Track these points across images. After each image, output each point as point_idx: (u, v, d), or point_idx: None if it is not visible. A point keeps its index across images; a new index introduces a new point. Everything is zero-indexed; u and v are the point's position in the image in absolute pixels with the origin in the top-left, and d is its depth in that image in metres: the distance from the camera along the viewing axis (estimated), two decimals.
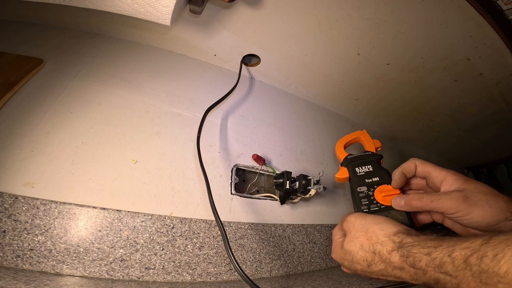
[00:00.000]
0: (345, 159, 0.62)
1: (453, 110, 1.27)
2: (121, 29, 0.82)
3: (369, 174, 0.58)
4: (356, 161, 0.61)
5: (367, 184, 0.55)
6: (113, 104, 0.71)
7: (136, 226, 0.59)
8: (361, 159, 0.61)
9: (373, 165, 0.59)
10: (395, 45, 0.87)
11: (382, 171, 0.58)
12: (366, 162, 0.60)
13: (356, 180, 0.57)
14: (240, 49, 0.89)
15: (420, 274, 0.33)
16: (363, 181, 0.56)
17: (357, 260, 0.40)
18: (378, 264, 0.38)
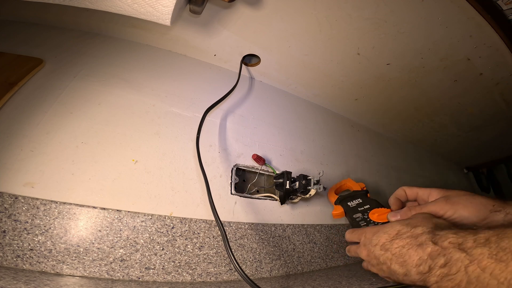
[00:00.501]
0: (338, 198, 0.72)
1: (453, 110, 1.27)
2: (121, 29, 0.82)
3: (360, 204, 0.67)
4: (347, 197, 0.71)
5: (361, 212, 0.64)
6: (113, 104, 0.71)
7: (136, 226, 0.59)
8: (350, 195, 0.71)
9: (362, 198, 0.69)
10: (395, 45, 0.87)
11: (371, 201, 0.66)
12: (355, 197, 0.70)
13: (350, 211, 0.66)
14: (240, 49, 0.89)
15: (435, 254, 0.37)
16: (356, 210, 0.65)
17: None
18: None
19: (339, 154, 1.13)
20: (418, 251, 0.39)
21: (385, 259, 0.43)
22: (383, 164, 1.34)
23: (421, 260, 0.38)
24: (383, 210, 0.60)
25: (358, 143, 1.27)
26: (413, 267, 0.39)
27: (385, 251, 0.43)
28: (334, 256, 0.88)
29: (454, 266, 0.34)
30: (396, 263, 0.42)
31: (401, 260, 0.41)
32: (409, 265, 0.39)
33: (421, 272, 0.38)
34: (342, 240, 0.92)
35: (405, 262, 0.40)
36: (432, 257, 0.37)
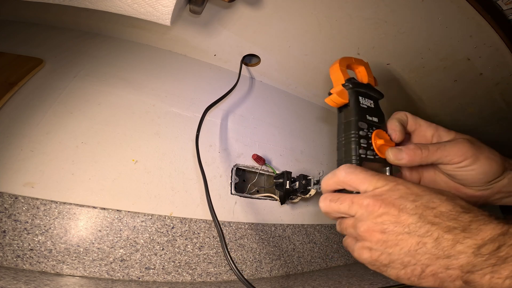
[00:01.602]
0: (349, 80, 0.47)
1: (453, 110, 1.27)
2: (121, 29, 0.82)
3: (370, 110, 0.45)
4: (361, 89, 0.47)
5: (367, 122, 0.43)
6: (113, 104, 0.71)
7: (136, 226, 0.59)
8: (367, 89, 0.48)
9: (375, 102, 0.48)
10: (395, 45, 0.87)
11: (381, 113, 0.47)
12: (369, 96, 0.47)
13: (358, 112, 0.43)
14: (240, 49, 0.89)
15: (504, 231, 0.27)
16: (364, 117, 0.43)
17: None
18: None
19: None
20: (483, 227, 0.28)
21: (419, 227, 0.30)
22: None
23: (489, 236, 0.27)
24: (388, 138, 0.43)
25: None
26: (472, 239, 0.27)
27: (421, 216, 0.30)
28: (334, 256, 0.88)
29: None
30: (444, 232, 0.28)
31: (454, 225, 0.29)
32: (461, 237, 0.28)
33: (481, 252, 0.26)
34: (341, 240, 0.92)
35: (460, 234, 0.28)
36: (498, 239, 0.26)
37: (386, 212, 0.31)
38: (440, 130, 0.41)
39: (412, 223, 0.30)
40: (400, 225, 0.30)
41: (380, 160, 0.41)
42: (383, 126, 0.44)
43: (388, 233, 0.30)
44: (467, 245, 0.27)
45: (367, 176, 0.34)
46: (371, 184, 0.33)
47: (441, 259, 0.28)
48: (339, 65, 0.50)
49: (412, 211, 0.30)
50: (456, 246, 0.27)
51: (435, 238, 0.28)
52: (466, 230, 0.28)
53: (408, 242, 0.29)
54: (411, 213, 0.30)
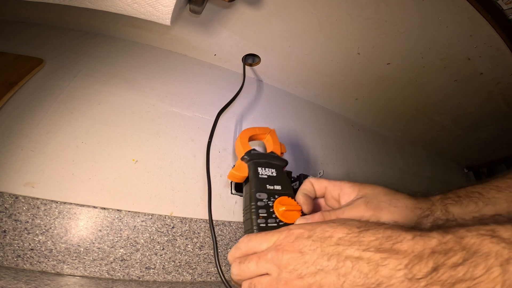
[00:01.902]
0: (248, 153, 0.51)
1: (453, 109, 1.27)
2: (121, 29, 0.82)
3: (272, 179, 0.48)
4: (261, 160, 0.50)
5: (267, 191, 0.45)
6: (113, 104, 0.71)
7: (137, 225, 0.59)
8: (267, 159, 0.51)
9: (278, 170, 0.50)
10: (395, 45, 0.87)
11: (284, 180, 0.49)
12: (271, 165, 0.50)
13: (256, 183, 0.46)
14: (240, 49, 0.89)
15: (442, 248, 0.25)
16: (263, 187, 0.46)
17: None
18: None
19: (339, 153, 1.13)
20: (413, 243, 0.26)
21: (344, 259, 0.28)
22: (383, 164, 1.34)
23: (417, 258, 0.25)
24: (294, 205, 0.43)
25: (359, 142, 1.27)
26: (399, 270, 0.25)
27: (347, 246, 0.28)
28: None
29: (479, 266, 0.22)
30: (366, 264, 0.26)
31: (378, 257, 0.26)
32: (390, 266, 0.25)
33: (414, 277, 0.24)
34: None
35: (385, 261, 0.26)
36: (439, 252, 0.24)
37: (291, 257, 0.29)
38: (345, 188, 0.42)
39: (318, 259, 0.28)
40: (310, 265, 0.28)
41: (284, 225, 0.40)
42: (287, 192, 0.46)
43: (306, 277, 0.28)
44: (391, 268, 0.25)
45: (264, 235, 0.34)
46: (269, 241, 0.33)
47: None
48: (239, 138, 0.57)
49: (312, 246, 0.29)
50: (379, 270, 0.25)
51: (351, 267, 0.26)
52: (380, 250, 0.26)
53: (329, 279, 0.27)
54: (312, 248, 0.29)
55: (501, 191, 0.38)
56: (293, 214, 0.42)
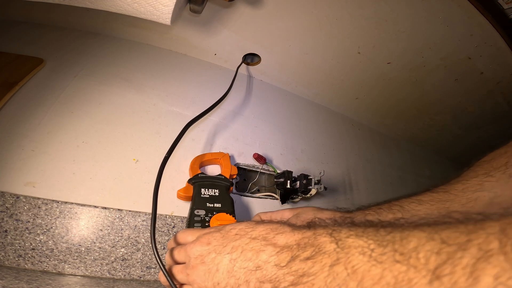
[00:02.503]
0: (195, 176, 0.62)
1: (454, 109, 1.27)
2: (122, 28, 0.82)
3: (213, 198, 0.58)
4: (205, 182, 0.61)
5: (206, 208, 0.55)
6: (113, 104, 0.71)
7: (137, 225, 0.59)
8: (211, 181, 0.61)
9: (221, 190, 0.60)
10: (395, 44, 0.87)
11: (227, 199, 0.58)
12: (215, 186, 0.60)
13: (196, 202, 0.56)
14: (240, 48, 0.89)
15: (301, 243, 0.28)
16: (203, 204, 0.56)
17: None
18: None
19: (339, 153, 1.13)
20: (287, 236, 0.29)
21: (236, 246, 0.32)
22: (384, 163, 1.34)
23: (286, 247, 0.28)
24: (229, 218, 0.52)
25: (359, 142, 1.27)
26: (273, 256, 0.28)
27: (241, 236, 0.33)
28: None
29: (318, 263, 0.24)
30: (249, 251, 0.30)
31: (259, 245, 0.30)
32: (268, 252, 0.29)
33: (279, 264, 0.27)
34: None
35: (265, 247, 0.30)
36: (301, 246, 0.27)
37: (201, 247, 0.35)
38: (285, 213, 0.50)
39: (218, 247, 0.33)
40: (211, 252, 0.33)
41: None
42: (226, 209, 0.56)
43: (207, 262, 0.33)
44: (268, 254, 0.29)
45: (192, 230, 0.41)
46: (194, 235, 0.39)
47: (254, 272, 0.29)
48: (191, 164, 0.67)
49: (217, 238, 0.34)
50: (260, 255, 0.29)
51: (240, 253, 0.31)
52: (266, 239, 0.30)
53: (223, 263, 0.32)
54: (217, 239, 0.34)
55: (421, 204, 0.43)
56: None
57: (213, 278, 0.31)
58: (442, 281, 0.17)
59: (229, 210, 0.57)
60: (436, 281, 0.17)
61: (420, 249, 0.19)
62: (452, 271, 0.17)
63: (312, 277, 0.24)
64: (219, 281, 0.31)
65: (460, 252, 0.17)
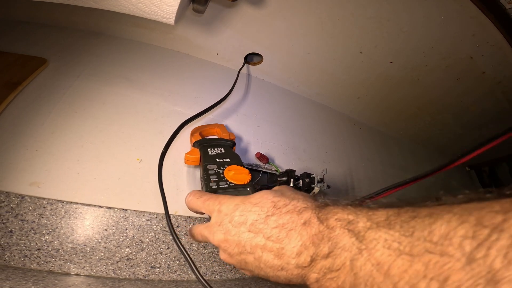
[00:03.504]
0: (200, 140, 0.65)
1: (455, 108, 1.27)
2: (125, 28, 0.82)
3: (221, 155, 0.59)
4: (210, 143, 0.63)
5: (217, 163, 0.56)
6: (117, 104, 0.71)
7: (142, 225, 0.59)
8: (215, 141, 0.64)
9: (226, 148, 0.62)
10: (397, 44, 0.87)
11: (233, 154, 0.60)
12: (219, 145, 0.63)
13: (207, 159, 0.57)
14: (242, 48, 0.89)
15: (319, 237, 0.27)
16: (214, 160, 0.57)
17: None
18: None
19: (341, 152, 1.13)
20: (301, 233, 0.28)
21: (254, 246, 0.31)
22: (385, 163, 1.34)
23: (303, 247, 0.27)
24: (242, 169, 0.54)
25: (360, 141, 1.27)
26: (293, 258, 0.28)
27: (256, 233, 0.31)
28: None
29: (338, 258, 0.24)
30: (270, 252, 0.29)
31: (278, 246, 0.29)
32: (287, 254, 0.28)
33: (301, 265, 0.27)
34: None
35: (283, 250, 0.28)
36: (316, 243, 0.26)
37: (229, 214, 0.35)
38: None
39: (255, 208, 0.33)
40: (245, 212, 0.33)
41: (236, 187, 0.51)
42: (236, 162, 0.57)
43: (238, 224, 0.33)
44: (287, 256, 0.29)
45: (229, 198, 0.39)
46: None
47: (280, 272, 0.29)
48: (191, 133, 0.71)
49: (255, 200, 0.34)
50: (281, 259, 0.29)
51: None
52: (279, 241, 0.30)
53: (250, 218, 0.32)
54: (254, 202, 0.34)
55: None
56: (243, 176, 0.52)
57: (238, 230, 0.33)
58: (477, 263, 0.17)
59: (239, 162, 0.58)
60: (470, 264, 0.17)
61: (452, 235, 0.18)
62: (486, 254, 0.16)
63: (335, 273, 0.24)
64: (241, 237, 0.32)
65: (495, 234, 0.17)
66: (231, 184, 0.51)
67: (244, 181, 0.52)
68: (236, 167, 0.54)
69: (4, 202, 0.51)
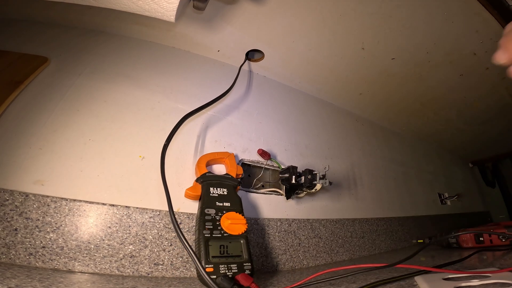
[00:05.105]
0: (203, 175, 0.63)
1: (459, 104, 1.27)
2: (125, 26, 0.82)
3: (222, 197, 0.59)
4: (213, 181, 0.62)
5: (216, 207, 0.56)
6: (119, 101, 0.71)
7: (145, 222, 0.60)
8: (219, 180, 0.62)
9: (229, 189, 0.61)
10: (400, 40, 0.86)
11: (235, 198, 0.60)
12: (223, 185, 0.61)
13: (206, 200, 0.57)
14: (243, 45, 0.88)
15: None
16: (213, 203, 0.57)
17: None
18: None
19: (343, 148, 1.13)
20: None
21: None
22: (388, 158, 1.34)
23: None
24: (239, 219, 0.55)
25: (363, 137, 1.27)
26: None
27: None
28: (339, 250, 0.88)
29: None
30: None
31: None
32: None
33: None
34: (346, 234, 0.93)
35: None
36: None
37: None
38: None
39: None
40: None
41: (229, 237, 0.53)
42: (235, 208, 0.58)
43: None
44: None
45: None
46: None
47: None
48: (197, 163, 0.67)
49: None
50: None
51: None
52: None
53: None
54: None
55: None
56: (238, 227, 0.54)
57: None
58: None
59: (238, 209, 0.59)
60: None
61: None
62: None
63: None
64: None
65: None
66: (225, 234, 0.53)
67: (239, 232, 0.54)
68: (234, 215, 0.55)
69: (8, 201, 0.52)
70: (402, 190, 1.33)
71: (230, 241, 0.52)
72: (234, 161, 0.70)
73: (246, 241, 0.54)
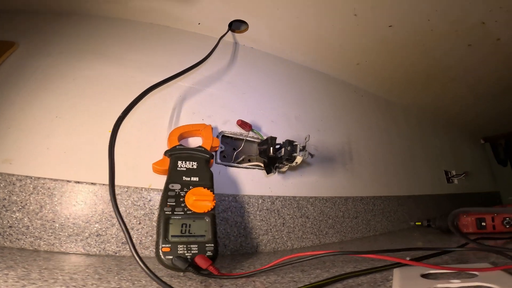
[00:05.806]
0: (173, 148, 0.59)
1: (468, 76, 1.19)
2: (97, 6, 0.77)
3: (190, 171, 0.55)
4: (183, 154, 0.57)
5: (182, 182, 0.52)
6: (89, 78, 0.69)
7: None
8: (190, 153, 0.58)
9: (200, 163, 0.57)
10: (396, 6, 0.79)
11: (205, 173, 0.56)
12: (192, 158, 0.57)
13: (172, 175, 0.53)
14: (224, 15, 0.83)
15: None
16: (179, 178, 0.53)
17: None
18: None
19: (339, 120, 1.08)
20: None
21: None
22: (389, 132, 1.28)
23: None
24: (206, 194, 0.51)
25: (361, 109, 1.21)
26: None
27: None
28: (328, 232, 0.85)
29: None
30: None
31: None
32: None
33: None
34: (338, 214, 0.89)
35: None
36: None
37: None
38: None
39: None
40: None
41: (193, 215, 0.49)
42: (204, 183, 0.54)
43: None
44: None
45: None
46: None
47: None
48: (169, 136, 0.63)
49: None
50: None
51: None
52: None
53: None
54: None
55: None
56: (204, 204, 0.50)
57: None
58: None
59: (207, 184, 0.54)
60: None
61: None
62: None
63: None
64: None
65: None
66: (188, 211, 0.49)
67: (204, 210, 0.50)
68: (200, 191, 0.51)
69: None
70: (405, 166, 1.27)
71: (194, 220, 0.49)
72: (210, 133, 0.66)
73: (213, 220, 0.50)
